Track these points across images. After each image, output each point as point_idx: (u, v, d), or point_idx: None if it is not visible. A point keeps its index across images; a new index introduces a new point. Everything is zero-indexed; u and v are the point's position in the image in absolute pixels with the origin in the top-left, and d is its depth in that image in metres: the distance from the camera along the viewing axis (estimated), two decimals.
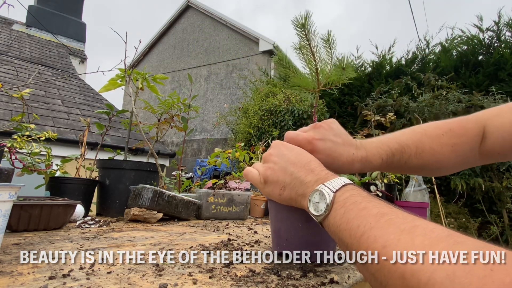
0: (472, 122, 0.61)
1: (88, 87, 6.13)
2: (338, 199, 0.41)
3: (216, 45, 9.98)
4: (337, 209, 0.40)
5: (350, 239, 0.36)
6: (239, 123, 6.11)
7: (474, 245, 0.26)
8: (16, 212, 0.75)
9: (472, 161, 0.62)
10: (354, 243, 0.36)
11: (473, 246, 0.26)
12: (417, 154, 0.58)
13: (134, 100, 1.35)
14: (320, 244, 0.62)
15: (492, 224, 4.07)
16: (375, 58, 5.77)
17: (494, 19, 4.67)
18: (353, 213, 0.38)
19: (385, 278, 0.31)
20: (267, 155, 0.53)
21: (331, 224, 0.40)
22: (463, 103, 4.14)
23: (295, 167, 0.49)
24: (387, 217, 0.34)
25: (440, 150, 0.59)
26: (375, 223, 0.35)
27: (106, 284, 0.42)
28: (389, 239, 0.32)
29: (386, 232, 0.33)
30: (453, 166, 0.62)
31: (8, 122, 2.65)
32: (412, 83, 4.67)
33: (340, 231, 0.39)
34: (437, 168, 0.61)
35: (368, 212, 0.37)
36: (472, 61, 4.76)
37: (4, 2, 1.39)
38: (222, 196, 1.28)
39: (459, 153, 0.59)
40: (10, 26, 7.21)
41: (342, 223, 0.38)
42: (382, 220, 0.34)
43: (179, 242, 0.73)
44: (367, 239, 0.34)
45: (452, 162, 0.60)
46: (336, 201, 0.41)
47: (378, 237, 0.33)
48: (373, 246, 0.33)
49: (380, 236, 0.33)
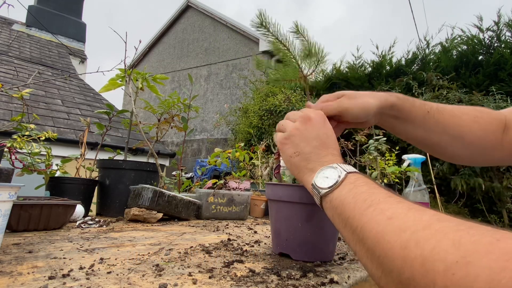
0: (493, 111, 0.60)
1: (88, 87, 6.13)
2: (349, 178, 0.41)
3: (216, 45, 9.98)
4: (346, 184, 0.40)
5: (353, 212, 0.36)
6: (239, 123, 6.11)
7: (481, 225, 0.26)
8: (16, 212, 0.75)
9: (498, 147, 0.58)
10: (357, 215, 0.35)
11: (480, 225, 0.26)
12: (438, 110, 0.58)
13: (134, 100, 1.35)
14: (320, 244, 0.62)
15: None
16: (375, 58, 5.77)
17: (494, 19, 4.67)
18: (362, 189, 0.38)
19: (384, 249, 0.30)
20: (306, 118, 0.52)
21: (335, 198, 0.40)
22: (463, 103, 4.14)
23: (320, 143, 0.49)
24: (398, 199, 0.35)
25: (460, 115, 0.57)
26: (384, 200, 0.35)
27: (106, 284, 0.41)
28: (397, 212, 0.32)
29: (395, 206, 0.33)
30: (478, 142, 0.58)
31: (8, 122, 2.65)
32: (412, 83, 4.68)
33: (343, 205, 0.38)
34: (460, 136, 0.57)
35: (379, 191, 0.37)
36: (472, 61, 4.76)
37: (4, 2, 1.39)
38: (222, 196, 1.28)
39: (482, 126, 0.57)
40: (10, 26, 7.21)
41: (347, 196, 0.39)
42: (391, 199, 0.34)
43: (179, 242, 0.73)
44: (373, 211, 0.34)
45: (475, 134, 0.57)
46: (347, 178, 0.41)
47: (385, 210, 0.33)
48: (378, 217, 0.33)
49: (388, 209, 0.33)
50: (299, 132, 0.51)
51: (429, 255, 0.25)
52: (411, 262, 0.27)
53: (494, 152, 0.59)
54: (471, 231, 0.25)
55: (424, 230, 0.28)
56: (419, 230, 0.28)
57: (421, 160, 1.58)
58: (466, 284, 0.22)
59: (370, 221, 0.33)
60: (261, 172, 2.06)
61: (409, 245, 0.28)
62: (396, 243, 0.29)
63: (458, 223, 0.27)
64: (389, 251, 0.29)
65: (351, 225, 0.36)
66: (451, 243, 0.25)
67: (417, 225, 0.29)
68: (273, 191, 0.66)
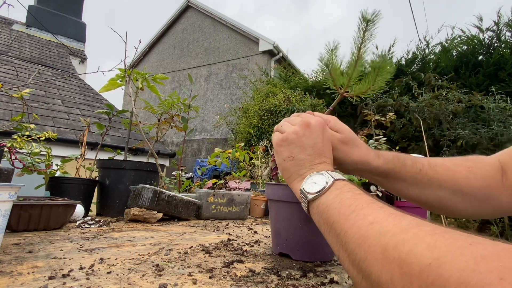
0: (485, 157, 0.58)
1: (88, 87, 6.13)
2: (337, 185, 0.42)
3: (216, 45, 9.99)
4: (333, 190, 0.41)
5: (337, 217, 0.37)
6: (239, 123, 6.11)
7: (456, 230, 0.27)
8: (16, 212, 0.75)
9: (502, 192, 0.54)
10: (341, 220, 0.36)
11: (455, 230, 0.27)
12: (430, 166, 0.56)
13: (134, 100, 1.35)
14: (320, 244, 0.62)
15: (492, 224, 4.07)
16: (375, 58, 5.76)
17: (494, 19, 4.67)
18: (347, 195, 0.39)
19: (365, 253, 0.31)
20: (306, 123, 0.52)
21: (321, 204, 0.41)
22: (463, 103, 4.14)
23: (315, 152, 0.49)
24: (380, 204, 0.36)
25: (454, 168, 0.55)
26: (367, 205, 0.36)
27: (106, 284, 0.42)
28: (378, 217, 0.33)
29: (376, 212, 0.34)
30: (480, 193, 0.55)
31: (8, 122, 2.65)
32: (412, 83, 4.68)
33: (328, 210, 0.39)
34: (459, 190, 0.55)
35: (362, 197, 0.38)
36: (472, 61, 4.76)
37: (4, 2, 1.39)
38: (222, 196, 1.28)
39: (478, 176, 0.55)
40: (10, 26, 7.21)
41: (333, 202, 0.39)
42: (374, 205, 0.36)
43: (179, 242, 0.73)
44: (356, 216, 0.35)
45: (473, 185, 0.54)
46: (334, 185, 0.42)
47: (368, 215, 0.34)
48: (360, 222, 0.34)
49: (370, 214, 0.34)
50: (296, 137, 0.51)
51: (405, 257, 0.26)
52: (389, 264, 0.27)
53: (500, 198, 0.55)
54: (445, 235, 0.26)
55: (402, 234, 0.29)
56: (397, 233, 0.29)
57: None
58: (440, 285, 0.22)
59: (353, 226, 0.34)
60: (261, 172, 2.06)
61: (388, 248, 0.28)
62: (376, 247, 0.30)
63: (434, 228, 0.28)
64: (369, 255, 0.30)
65: (335, 230, 0.37)
66: (426, 246, 0.26)
67: (396, 229, 0.30)
68: (273, 191, 0.66)
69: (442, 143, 4.24)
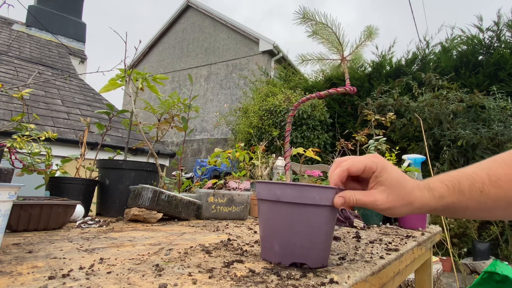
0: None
1: (88, 87, 6.13)
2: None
3: (216, 45, 9.99)
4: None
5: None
6: (239, 123, 6.11)
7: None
8: (16, 212, 0.75)
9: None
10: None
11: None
12: (491, 182, 0.48)
13: (134, 100, 1.35)
14: (316, 249, 0.62)
15: (492, 224, 4.07)
16: (375, 58, 5.77)
17: (494, 19, 4.67)
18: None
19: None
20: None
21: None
22: (464, 103, 4.14)
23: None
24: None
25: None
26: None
27: (106, 284, 0.41)
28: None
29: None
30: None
31: (8, 122, 2.65)
32: (412, 83, 4.68)
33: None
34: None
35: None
36: (472, 61, 4.76)
37: (4, 2, 1.39)
38: (222, 196, 1.28)
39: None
40: (10, 26, 7.21)
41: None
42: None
43: (179, 242, 0.73)
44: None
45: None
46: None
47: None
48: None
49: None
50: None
51: None
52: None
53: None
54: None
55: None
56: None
57: (421, 160, 1.57)
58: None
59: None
60: (261, 172, 2.06)
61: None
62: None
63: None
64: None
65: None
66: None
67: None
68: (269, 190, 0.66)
69: (442, 143, 4.24)
